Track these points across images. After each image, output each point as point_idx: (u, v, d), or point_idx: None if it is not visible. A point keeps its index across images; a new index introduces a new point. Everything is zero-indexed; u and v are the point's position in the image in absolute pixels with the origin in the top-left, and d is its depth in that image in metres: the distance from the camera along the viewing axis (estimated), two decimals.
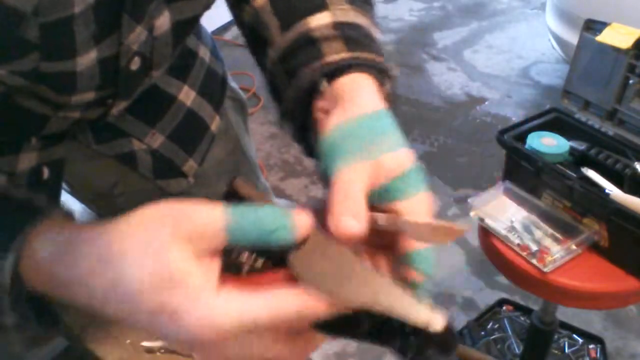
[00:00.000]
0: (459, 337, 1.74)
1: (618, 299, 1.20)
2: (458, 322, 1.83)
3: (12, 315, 0.40)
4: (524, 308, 1.84)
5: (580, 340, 1.74)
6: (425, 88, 3.32)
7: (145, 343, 0.65)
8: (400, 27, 4.05)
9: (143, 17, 0.51)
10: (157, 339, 0.66)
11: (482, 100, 3.20)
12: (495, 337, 1.76)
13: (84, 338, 0.65)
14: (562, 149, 1.26)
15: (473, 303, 1.99)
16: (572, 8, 2.66)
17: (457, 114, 3.09)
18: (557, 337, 1.72)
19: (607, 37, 1.30)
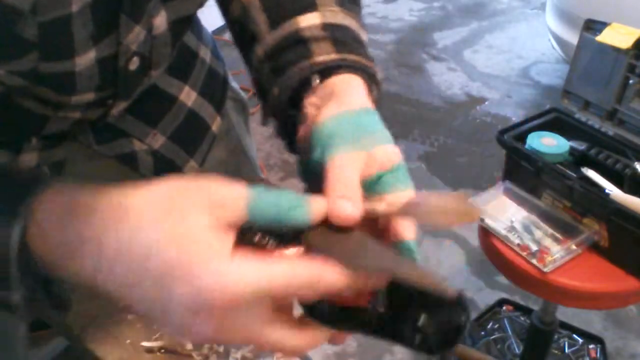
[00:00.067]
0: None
1: (618, 299, 1.20)
2: None
3: (20, 290, 0.39)
4: (524, 308, 1.84)
5: (580, 340, 1.74)
6: (425, 88, 3.32)
7: (145, 343, 0.65)
8: (400, 27, 4.05)
9: (141, 16, 0.51)
10: (157, 339, 0.66)
11: (482, 100, 3.20)
12: (495, 337, 1.76)
13: (84, 338, 0.65)
14: (562, 149, 1.26)
15: (473, 303, 1.99)
16: (572, 8, 2.66)
17: (457, 114, 3.09)
18: (557, 337, 1.72)
19: (607, 37, 1.30)
